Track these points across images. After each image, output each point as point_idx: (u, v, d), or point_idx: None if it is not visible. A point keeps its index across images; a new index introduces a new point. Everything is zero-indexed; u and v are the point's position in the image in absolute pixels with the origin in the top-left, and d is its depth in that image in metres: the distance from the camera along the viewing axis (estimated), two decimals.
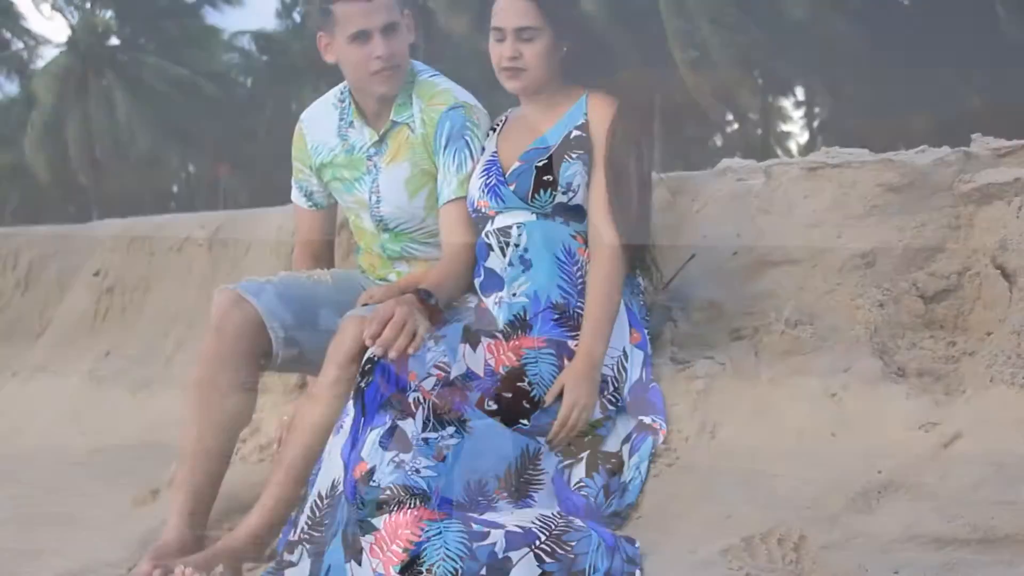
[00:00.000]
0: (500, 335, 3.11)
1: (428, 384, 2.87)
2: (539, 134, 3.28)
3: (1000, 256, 3.10)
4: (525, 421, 2.95)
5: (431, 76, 3.58)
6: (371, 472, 2.68)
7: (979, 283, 3.13)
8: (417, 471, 2.70)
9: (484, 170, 3.31)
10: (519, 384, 2.97)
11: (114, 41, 38.96)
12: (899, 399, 2.83)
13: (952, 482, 2.57)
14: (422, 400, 2.82)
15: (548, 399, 3.00)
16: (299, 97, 36.43)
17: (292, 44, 39.18)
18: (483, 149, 3.39)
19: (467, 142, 3.42)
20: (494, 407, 2.92)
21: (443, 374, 2.92)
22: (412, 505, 2.62)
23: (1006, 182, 3.22)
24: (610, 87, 3.26)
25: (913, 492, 2.61)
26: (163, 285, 5.52)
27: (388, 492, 2.64)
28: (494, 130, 3.45)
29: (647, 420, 3.10)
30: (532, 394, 2.97)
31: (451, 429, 2.81)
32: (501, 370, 3.00)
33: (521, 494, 2.87)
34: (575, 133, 3.21)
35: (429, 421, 2.79)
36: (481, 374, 2.99)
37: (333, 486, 2.85)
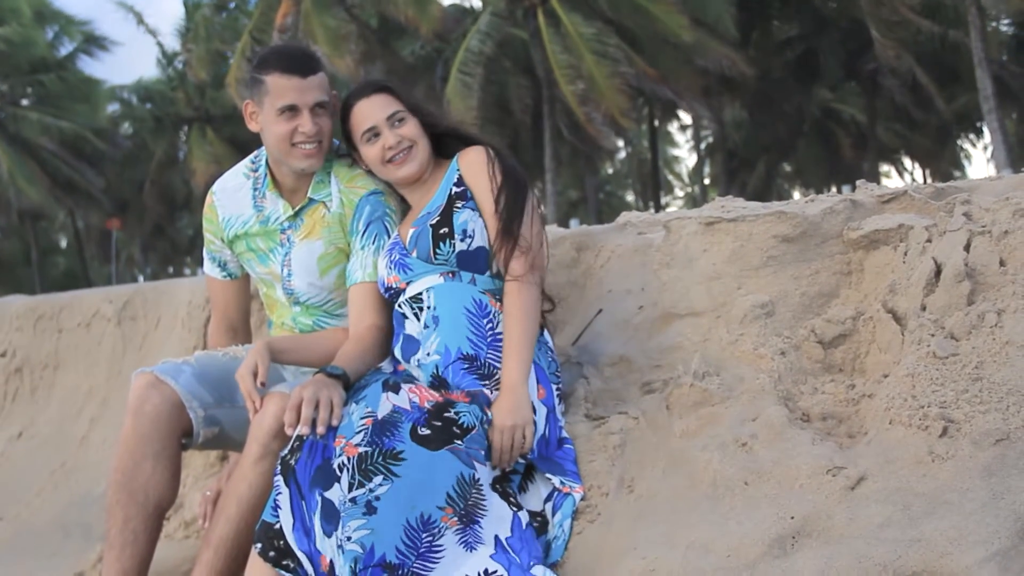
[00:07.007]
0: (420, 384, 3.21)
1: (356, 439, 2.95)
2: (425, 204, 3.44)
3: (890, 300, 3.26)
4: (459, 442, 3.04)
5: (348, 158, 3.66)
6: (331, 566, 2.85)
7: (873, 327, 3.28)
8: (348, 539, 2.82)
9: (388, 251, 3.46)
10: (446, 415, 3.07)
11: None
12: (805, 445, 2.95)
13: (861, 523, 2.69)
14: (347, 462, 2.91)
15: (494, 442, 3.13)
16: (185, 145, 36.04)
17: (175, 93, 38.80)
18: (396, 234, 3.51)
19: (386, 227, 3.52)
20: (427, 432, 3.01)
21: (371, 419, 3.00)
22: None
23: (891, 228, 3.39)
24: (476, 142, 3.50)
25: (825, 536, 2.72)
26: (73, 363, 5.46)
27: None
28: None
29: (557, 483, 3.21)
30: (461, 422, 3.07)
31: (379, 478, 2.89)
32: (427, 405, 3.09)
33: (469, 519, 2.98)
34: (455, 189, 3.40)
35: (355, 479, 2.88)
36: (408, 408, 3.07)
37: None
